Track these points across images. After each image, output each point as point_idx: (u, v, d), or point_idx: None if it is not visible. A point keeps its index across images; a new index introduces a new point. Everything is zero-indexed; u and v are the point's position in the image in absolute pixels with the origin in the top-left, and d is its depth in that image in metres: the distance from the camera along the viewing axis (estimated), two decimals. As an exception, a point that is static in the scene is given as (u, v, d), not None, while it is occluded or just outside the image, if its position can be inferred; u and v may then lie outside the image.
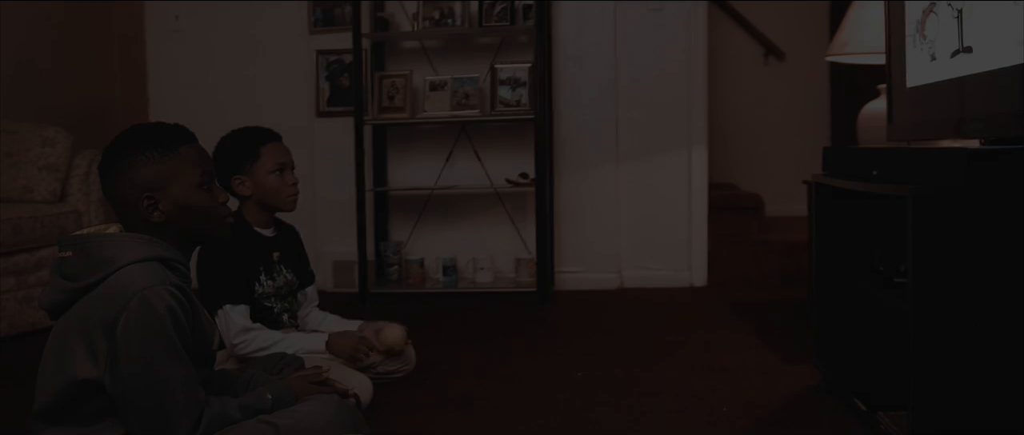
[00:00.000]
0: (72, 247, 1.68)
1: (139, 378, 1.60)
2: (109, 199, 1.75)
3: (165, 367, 1.61)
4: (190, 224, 1.76)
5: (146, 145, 1.72)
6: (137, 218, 1.72)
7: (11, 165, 3.96)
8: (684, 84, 4.57)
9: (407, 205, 4.71)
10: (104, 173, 1.74)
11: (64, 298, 1.67)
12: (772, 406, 2.49)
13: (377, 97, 4.40)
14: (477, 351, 3.26)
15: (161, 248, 1.69)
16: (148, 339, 1.59)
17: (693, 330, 3.55)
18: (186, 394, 1.63)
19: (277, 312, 2.75)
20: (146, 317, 1.59)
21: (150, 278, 1.62)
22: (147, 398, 1.61)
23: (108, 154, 1.74)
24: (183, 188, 1.74)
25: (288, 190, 2.67)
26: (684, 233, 4.63)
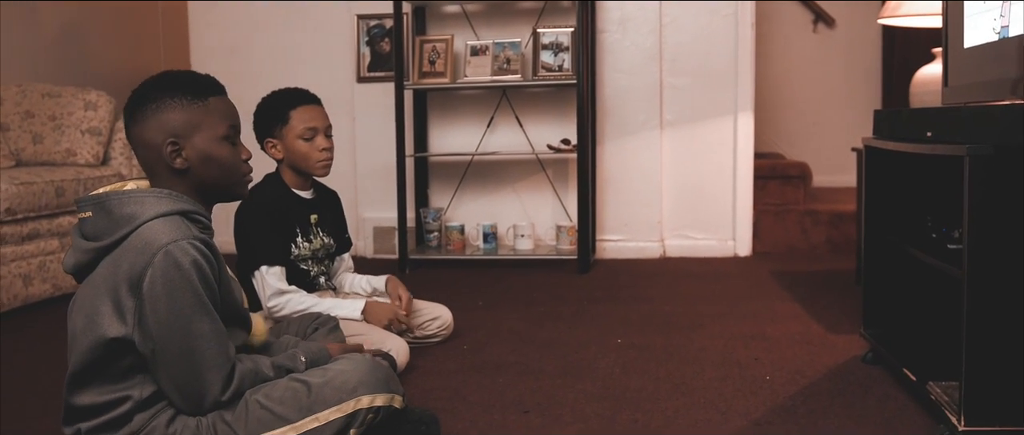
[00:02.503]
0: (91, 206, 1.65)
1: (168, 333, 1.57)
2: (132, 140, 1.72)
3: (194, 321, 1.58)
4: (210, 175, 1.73)
5: (177, 90, 1.70)
6: (159, 163, 1.70)
7: (55, 128, 3.98)
8: (730, 50, 4.47)
9: (447, 171, 4.68)
10: (131, 113, 1.71)
11: (88, 258, 1.65)
12: (818, 375, 2.42)
13: (418, 62, 4.36)
14: (516, 317, 3.23)
15: (182, 201, 1.67)
16: (175, 293, 1.57)
17: (736, 299, 3.48)
18: (217, 349, 1.61)
19: (314, 275, 2.73)
20: (172, 271, 1.56)
21: (174, 232, 1.59)
22: (177, 353, 1.58)
23: (137, 95, 1.71)
24: (208, 138, 1.71)
25: (317, 155, 2.63)
26: (728, 202, 4.55)
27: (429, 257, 4.37)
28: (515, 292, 3.72)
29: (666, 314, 3.23)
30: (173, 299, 1.57)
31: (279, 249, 2.61)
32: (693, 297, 3.54)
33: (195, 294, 1.58)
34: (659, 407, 2.19)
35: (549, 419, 2.11)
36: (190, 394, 1.62)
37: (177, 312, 1.57)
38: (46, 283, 3.54)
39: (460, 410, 2.18)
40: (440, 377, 2.47)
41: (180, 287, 1.57)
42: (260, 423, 1.65)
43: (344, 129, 4.63)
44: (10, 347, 2.97)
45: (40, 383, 2.50)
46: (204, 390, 1.61)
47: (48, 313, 3.43)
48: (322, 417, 1.67)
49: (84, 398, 1.65)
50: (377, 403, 1.71)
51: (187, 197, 1.69)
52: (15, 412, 2.25)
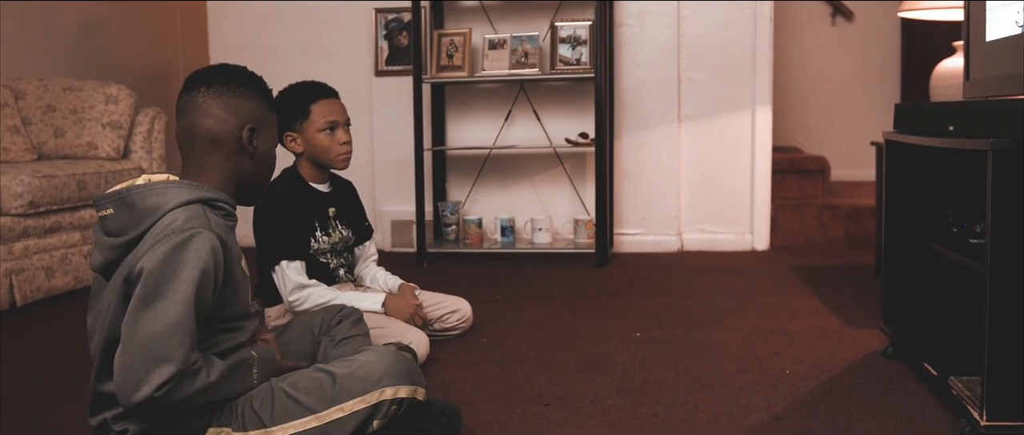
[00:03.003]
0: (112, 203, 1.65)
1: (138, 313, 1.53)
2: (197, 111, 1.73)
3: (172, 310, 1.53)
4: (258, 171, 1.81)
5: (258, 88, 1.81)
6: (224, 138, 1.74)
7: (76, 121, 4.01)
8: (749, 44, 4.46)
9: (465, 165, 4.69)
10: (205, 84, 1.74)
11: (115, 255, 1.64)
12: (837, 370, 2.42)
13: (436, 56, 4.37)
14: (534, 310, 3.24)
15: (203, 190, 1.68)
16: (167, 279, 1.54)
17: (755, 293, 3.48)
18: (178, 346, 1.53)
19: (333, 268, 2.74)
20: (177, 254, 1.55)
21: (193, 221, 1.60)
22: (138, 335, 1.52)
23: (217, 73, 1.77)
24: (269, 140, 1.83)
25: (338, 149, 2.64)
26: (746, 196, 4.54)
27: (447, 250, 4.38)
28: (533, 285, 3.73)
29: (684, 308, 3.24)
30: (163, 282, 1.54)
31: (298, 243, 2.63)
32: (711, 291, 3.54)
33: (184, 287, 1.55)
34: (679, 401, 2.19)
35: (570, 412, 2.12)
36: (131, 380, 1.52)
37: (163, 293, 1.54)
38: (68, 275, 3.57)
39: (481, 403, 2.19)
40: (460, 370, 2.49)
41: (175, 275, 1.55)
42: (285, 412, 1.67)
43: (362, 123, 4.64)
44: (35, 338, 3.00)
45: (65, 373, 2.53)
46: (145, 379, 1.51)
47: (70, 305, 3.47)
48: (346, 408, 1.69)
49: (108, 387, 1.67)
50: (400, 395, 1.73)
51: (209, 187, 1.70)
52: (41, 402, 2.28)
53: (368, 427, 1.70)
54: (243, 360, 1.69)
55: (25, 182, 3.32)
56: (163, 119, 4.21)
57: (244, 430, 1.67)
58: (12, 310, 3.31)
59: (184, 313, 1.55)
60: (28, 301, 3.36)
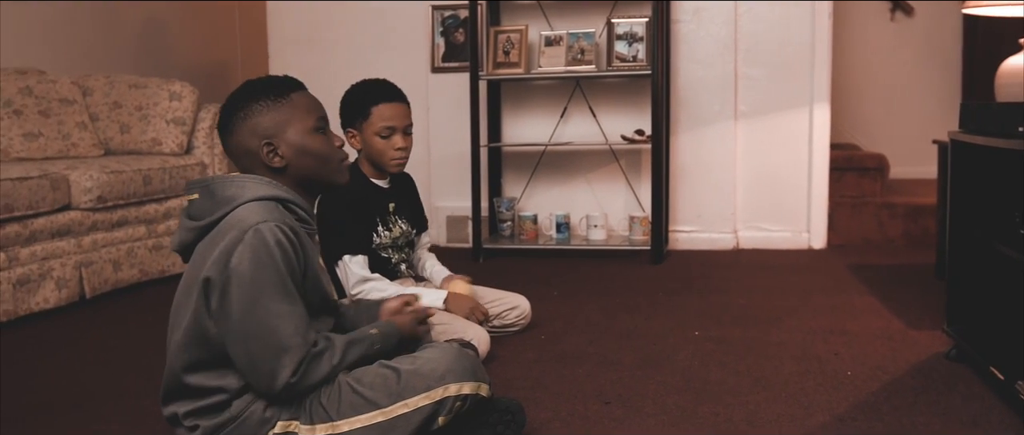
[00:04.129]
0: (199, 189, 1.75)
1: (249, 309, 1.62)
2: (230, 153, 1.81)
3: (276, 301, 1.63)
4: (308, 167, 1.80)
5: (259, 94, 1.78)
6: (259, 166, 1.77)
7: (141, 118, 4.10)
8: (807, 40, 4.42)
9: (521, 161, 4.71)
10: (223, 128, 1.79)
11: (191, 237, 1.74)
12: (900, 372, 2.40)
13: (492, 52, 4.39)
14: (591, 307, 3.25)
15: (282, 189, 1.74)
16: (260, 271, 1.62)
17: (812, 292, 3.46)
18: (293, 330, 1.64)
19: (395, 263, 2.78)
20: (260, 249, 1.62)
21: (265, 214, 1.66)
22: (255, 330, 1.63)
23: (225, 109, 1.80)
24: (298, 132, 1.78)
25: (392, 154, 2.66)
26: (803, 194, 4.50)
27: (502, 246, 4.41)
28: (589, 282, 3.74)
29: (742, 306, 3.22)
30: (258, 275, 1.62)
31: (361, 238, 2.66)
32: (768, 290, 3.52)
33: (278, 274, 1.63)
34: (740, 401, 2.19)
35: (630, 410, 2.13)
36: (264, 373, 1.64)
37: (260, 288, 1.62)
38: (134, 268, 3.66)
39: (542, 400, 2.21)
40: (520, 367, 2.51)
41: (265, 265, 1.63)
42: (351, 407, 1.70)
43: (419, 119, 4.64)
44: (103, 329, 3.08)
45: (134, 363, 2.59)
46: (277, 370, 1.63)
47: (136, 297, 3.55)
48: (411, 403, 1.71)
49: (186, 380, 1.72)
50: (464, 391, 1.75)
51: (288, 188, 1.75)
52: (112, 393, 2.34)
53: (433, 423, 1.73)
54: (363, 338, 1.79)
55: (94, 177, 3.41)
56: (225, 115, 4.28)
57: (312, 423, 1.71)
58: (82, 301, 3.41)
59: (287, 300, 1.64)
60: (96, 293, 3.45)
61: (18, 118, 3.74)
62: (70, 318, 3.23)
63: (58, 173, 3.33)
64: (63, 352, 2.80)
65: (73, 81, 4.08)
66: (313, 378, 1.68)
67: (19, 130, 3.73)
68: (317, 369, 1.68)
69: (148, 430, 2.05)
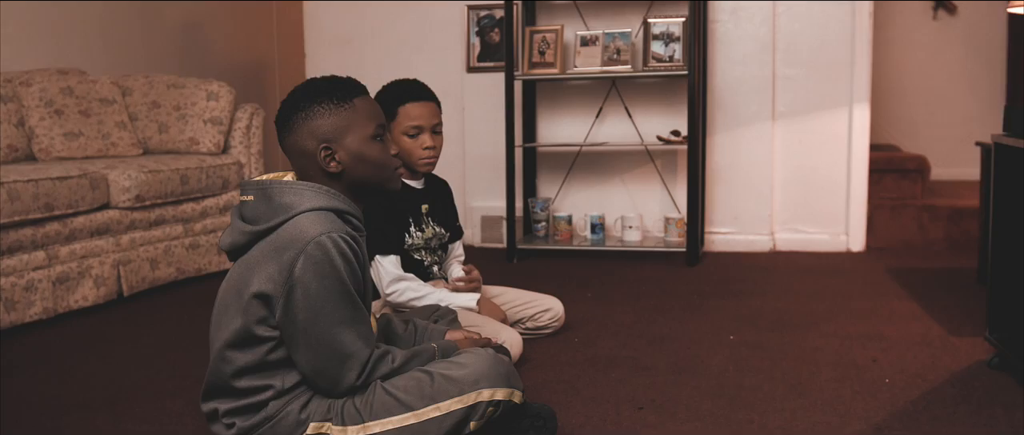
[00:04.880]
0: (254, 191, 1.74)
1: (315, 317, 1.65)
2: (286, 150, 1.80)
3: (340, 308, 1.66)
4: (364, 175, 1.80)
5: (323, 96, 1.77)
6: (314, 168, 1.77)
7: (179, 118, 4.14)
8: (847, 40, 4.36)
9: (556, 161, 4.69)
10: (282, 124, 1.79)
11: (244, 240, 1.74)
12: (940, 380, 2.36)
13: (527, 52, 4.38)
14: (625, 310, 3.23)
15: (338, 200, 1.75)
16: (325, 280, 1.65)
17: (851, 297, 3.41)
18: (358, 335, 1.69)
19: (427, 264, 2.77)
20: (322, 260, 1.64)
21: (326, 225, 1.67)
22: (321, 337, 1.66)
23: (286, 106, 1.79)
24: (358, 139, 1.78)
25: (419, 153, 2.64)
26: (842, 196, 4.45)
27: (537, 247, 4.40)
28: (624, 284, 3.72)
29: (778, 310, 3.19)
30: (322, 285, 1.65)
31: (394, 238, 2.66)
32: (805, 293, 3.48)
33: (341, 282, 1.66)
34: (776, 407, 2.16)
35: (664, 416, 2.11)
36: (330, 377, 1.69)
37: (325, 298, 1.65)
38: (171, 267, 3.69)
39: (574, 405, 2.19)
40: (553, 370, 2.49)
41: (329, 274, 1.65)
42: (384, 408, 1.70)
43: (453, 119, 4.68)
44: (141, 327, 3.11)
45: (170, 362, 2.61)
46: (343, 375, 1.69)
47: (173, 295, 3.59)
48: (443, 407, 1.71)
49: (235, 384, 1.73)
50: (497, 397, 1.74)
51: (343, 196, 1.76)
52: (146, 392, 2.36)
53: (465, 428, 1.72)
54: (423, 351, 1.81)
55: (132, 176, 3.44)
56: (261, 115, 4.31)
57: (343, 425, 1.71)
58: (120, 299, 3.44)
59: (350, 308, 1.68)
60: (134, 291, 3.48)
61: (59, 118, 3.78)
62: (108, 316, 3.26)
63: (97, 172, 3.37)
64: (100, 350, 2.83)
65: (113, 81, 4.12)
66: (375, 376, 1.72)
67: (60, 130, 3.78)
68: (380, 370, 1.73)
69: (180, 431, 2.07)
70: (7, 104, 3.72)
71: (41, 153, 3.75)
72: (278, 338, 1.69)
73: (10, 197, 2.92)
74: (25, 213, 2.99)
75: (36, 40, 4.06)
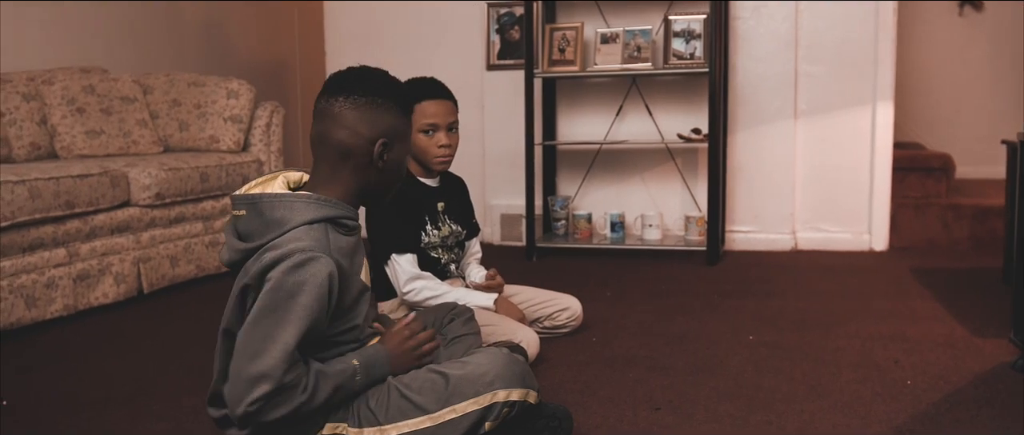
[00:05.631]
0: (245, 205, 1.71)
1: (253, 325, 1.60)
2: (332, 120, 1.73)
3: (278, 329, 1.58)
4: (387, 182, 1.81)
5: (396, 96, 1.78)
6: (355, 152, 1.73)
7: (200, 116, 4.15)
8: (870, 36, 4.32)
9: (576, 159, 4.67)
10: (344, 93, 1.73)
11: (239, 258, 1.71)
12: (963, 382, 2.32)
13: (547, 50, 4.36)
14: (644, 309, 3.21)
15: (330, 206, 1.71)
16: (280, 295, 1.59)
17: (873, 297, 3.37)
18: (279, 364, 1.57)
19: (444, 263, 2.76)
20: (291, 276, 1.59)
21: (314, 243, 1.64)
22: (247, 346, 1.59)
23: (358, 81, 1.75)
24: (403, 151, 1.81)
25: (434, 151, 2.63)
26: (865, 194, 4.40)
27: (556, 245, 4.38)
28: (643, 283, 3.70)
29: (799, 310, 3.16)
30: (277, 297, 1.59)
31: (409, 237, 2.65)
32: (827, 293, 3.45)
33: (297, 306, 1.59)
34: (794, 409, 2.14)
35: (681, 417, 2.09)
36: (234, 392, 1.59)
37: (271, 310, 1.59)
38: (191, 264, 3.70)
39: (591, 405, 2.18)
40: (570, 370, 2.48)
41: (290, 292, 1.59)
42: (400, 412, 1.70)
43: (473, 117, 4.68)
44: (160, 324, 3.12)
45: (188, 359, 2.62)
46: (243, 396, 1.57)
47: (192, 293, 3.60)
48: (459, 409, 1.70)
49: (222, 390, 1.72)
50: (513, 397, 1.73)
51: (336, 201, 1.73)
52: (165, 388, 2.37)
53: (480, 428, 1.71)
54: (342, 370, 1.70)
55: (152, 174, 3.46)
56: (281, 113, 4.32)
57: (359, 427, 1.70)
58: (140, 296, 3.46)
59: (291, 336, 1.59)
60: (154, 288, 3.50)
61: (81, 116, 3.81)
62: (128, 313, 3.28)
63: (118, 170, 3.38)
64: (119, 347, 2.84)
65: (134, 79, 4.14)
66: (272, 413, 1.59)
67: (82, 128, 3.80)
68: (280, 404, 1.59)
69: (198, 429, 2.07)
70: (30, 102, 3.74)
71: (63, 151, 3.77)
72: None
73: (31, 195, 2.94)
74: (46, 210, 3.01)
75: (59, 39, 4.08)
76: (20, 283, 2.93)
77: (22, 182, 2.92)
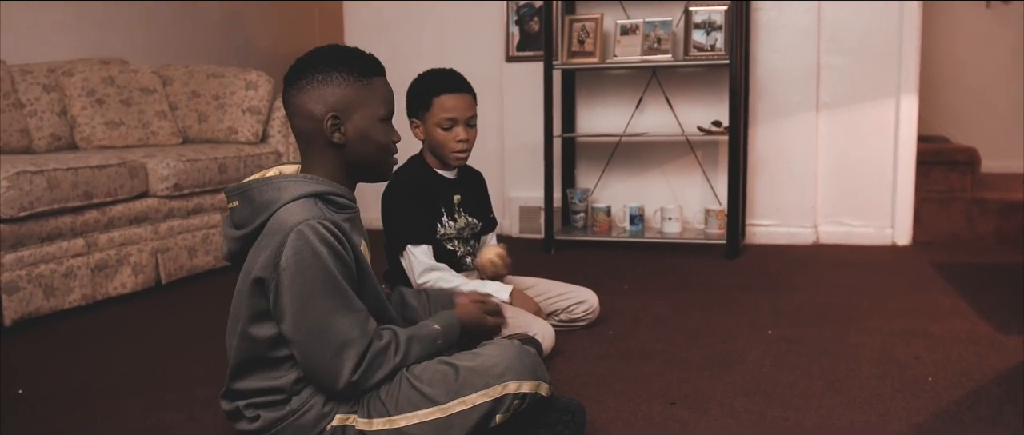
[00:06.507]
0: (238, 196, 1.72)
1: (301, 312, 1.62)
2: (290, 107, 1.76)
3: (327, 298, 1.62)
4: (363, 154, 1.77)
5: (344, 66, 1.74)
6: (316, 134, 1.73)
7: (218, 107, 4.16)
8: (894, 27, 4.25)
9: (595, 152, 4.64)
10: (292, 80, 1.74)
11: (237, 247, 1.72)
12: (985, 379, 2.28)
13: (566, 41, 4.33)
14: (662, 302, 3.18)
15: (319, 183, 1.71)
16: (306, 272, 1.61)
17: (895, 292, 3.33)
18: (354, 326, 1.64)
19: (460, 255, 2.75)
20: (304, 250, 1.61)
21: (304, 213, 1.64)
22: (310, 332, 1.62)
23: (303, 64, 1.75)
24: (367, 117, 1.75)
25: (453, 146, 2.61)
26: (887, 188, 4.35)
27: (575, 238, 4.35)
28: (661, 276, 3.67)
29: (819, 305, 3.12)
30: (306, 275, 1.61)
31: (424, 228, 2.64)
32: (848, 288, 3.41)
33: (326, 271, 1.61)
34: (812, 405, 2.11)
35: (696, 412, 2.07)
36: (327, 372, 1.64)
37: (311, 287, 1.61)
38: (209, 255, 3.71)
39: (605, 399, 2.15)
40: (585, 363, 2.46)
41: (312, 263, 1.61)
42: (410, 402, 1.68)
43: (492, 108, 4.66)
44: (177, 314, 3.13)
45: (204, 350, 2.62)
46: (339, 367, 1.63)
47: (210, 283, 3.61)
48: (469, 401, 1.68)
49: (243, 383, 1.73)
50: (524, 390, 1.71)
51: (325, 179, 1.73)
52: (179, 378, 2.37)
53: (491, 421, 1.69)
54: (427, 334, 1.78)
55: (170, 165, 3.46)
56: (300, 104, 4.32)
57: (369, 417, 1.69)
58: (157, 287, 3.47)
59: (339, 295, 1.63)
60: (172, 279, 3.51)
61: (101, 107, 3.82)
62: (145, 303, 3.29)
63: (136, 161, 3.39)
64: (135, 337, 2.85)
65: (153, 71, 4.15)
66: (376, 375, 1.67)
67: (102, 119, 3.81)
68: (380, 366, 1.67)
69: (209, 419, 2.07)
70: (50, 93, 3.76)
71: (83, 142, 3.79)
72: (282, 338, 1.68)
73: (50, 185, 2.95)
74: (65, 201, 3.02)
75: (79, 30, 4.10)
76: (38, 272, 2.94)
77: (41, 172, 2.93)
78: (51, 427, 2.06)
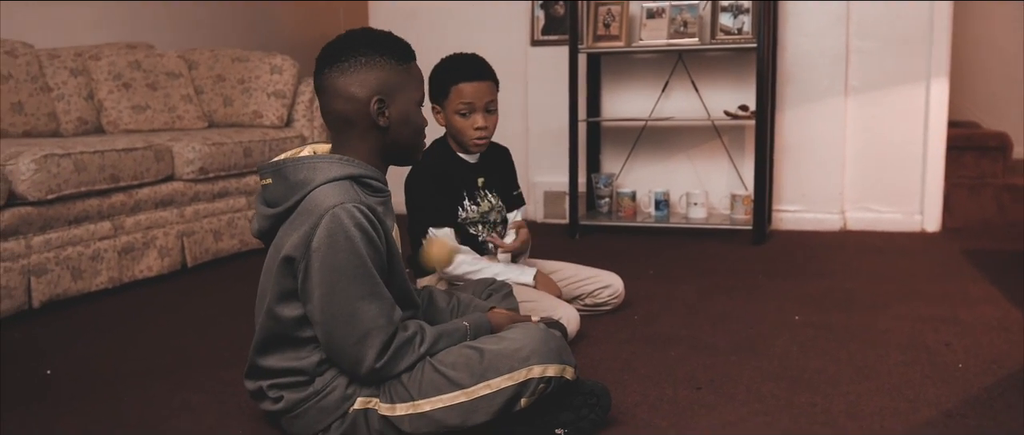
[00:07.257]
0: (271, 174, 1.72)
1: (330, 294, 1.62)
2: (328, 92, 1.74)
3: (356, 284, 1.62)
4: (402, 137, 1.78)
5: (386, 50, 1.75)
6: (358, 117, 1.73)
7: (243, 91, 4.17)
8: (925, 11, 4.19)
9: (620, 136, 4.62)
10: (331, 64, 1.73)
11: (269, 224, 1.73)
12: (1016, 366, 2.25)
13: (592, 25, 4.30)
14: (688, 287, 3.16)
15: (354, 166, 1.70)
16: (339, 255, 1.61)
17: (924, 278, 3.29)
18: (377, 312, 1.64)
19: (482, 240, 2.73)
20: (337, 233, 1.61)
21: (341, 195, 1.64)
22: (338, 315, 1.63)
23: (341, 47, 1.74)
24: (407, 101, 1.77)
25: (471, 133, 2.59)
26: (917, 174, 4.29)
27: (599, 223, 4.33)
28: (687, 262, 3.64)
29: (847, 291, 3.09)
30: (337, 259, 1.61)
31: (446, 211, 2.62)
32: (876, 274, 3.37)
33: (358, 257, 1.61)
34: (840, 391, 2.08)
35: (722, 397, 2.05)
36: (350, 357, 1.65)
37: (341, 272, 1.61)
38: (234, 238, 3.72)
39: (630, 383, 2.14)
40: (610, 347, 2.45)
41: (344, 249, 1.61)
42: (433, 386, 1.68)
43: (517, 93, 4.64)
44: (202, 297, 3.15)
45: (228, 333, 2.63)
46: (362, 353, 1.64)
47: (235, 267, 3.62)
48: (494, 384, 1.67)
49: (266, 361, 1.73)
50: (549, 373, 1.70)
51: (360, 162, 1.72)
52: (204, 360, 2.38)
53: (516, 405, 1.69)
54: (453, 331, 1.77)
55: (196, 149, 3.47)
56: (325, 88, 4.32)
57: (391, 402, 1.69)
58: (183, 270, 3.49)
59: (368, 282, 1.63)
60: (197, 262, 3.52)
61: (127, 91, 3.84)
62: (171, 286, 3.31)
63: (162, 145, 3.40)
64: (162, 320, 2.86)
65: (179, 55, 4.17)
66: (400, 364, 1.67)
67: (128, 103, 3.83)
68: (405, 355, 1.68)
69: (235, 401, 2.07)
70: (77, 78, 3.78)
71: (109, 125, 3.81)
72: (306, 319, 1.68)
73: (77, 168, 2.97)
74: (91, 184, 3.04)
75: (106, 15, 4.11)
76: (66, 255, 2.96)
77: (68, 155, 2.95)
78: (78, 408, 2.07)
